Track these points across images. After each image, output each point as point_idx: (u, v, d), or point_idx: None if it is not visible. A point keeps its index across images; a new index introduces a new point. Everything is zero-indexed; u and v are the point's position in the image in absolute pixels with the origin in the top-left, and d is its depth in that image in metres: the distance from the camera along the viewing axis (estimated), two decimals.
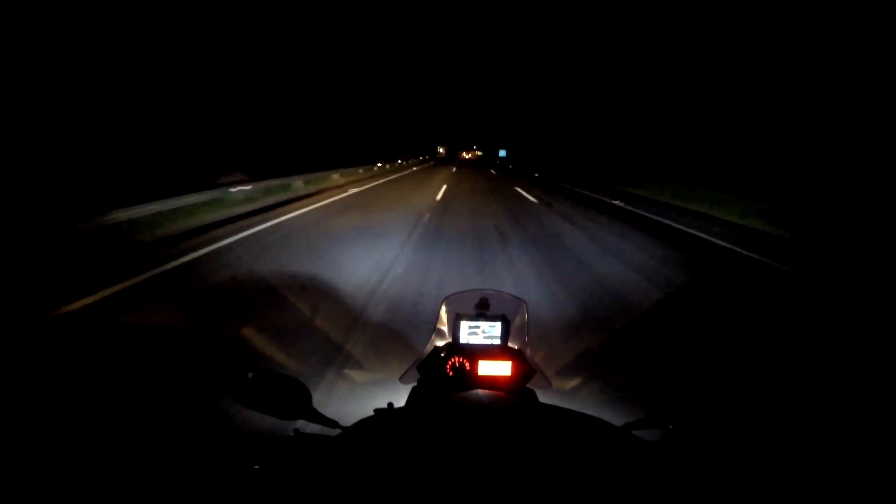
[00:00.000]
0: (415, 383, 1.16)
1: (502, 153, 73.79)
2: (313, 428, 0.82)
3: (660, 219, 8.90)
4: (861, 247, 6.56)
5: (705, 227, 8.04)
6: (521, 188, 15.59)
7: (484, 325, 1.18)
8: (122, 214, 5.90)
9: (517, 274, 4.55)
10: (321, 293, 3.78)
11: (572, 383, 2.44)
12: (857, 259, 5.90)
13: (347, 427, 0.81)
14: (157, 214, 6.70)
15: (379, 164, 24.31)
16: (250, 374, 0.81)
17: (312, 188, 12.81)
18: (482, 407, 0.70)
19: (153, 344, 2.81)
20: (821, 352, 3.00)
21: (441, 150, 78.21)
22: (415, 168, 30.18)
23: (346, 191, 12.61)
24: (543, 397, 1.15)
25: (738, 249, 6.08)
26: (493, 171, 28.02)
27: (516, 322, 1.23)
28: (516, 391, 1.09)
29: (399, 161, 32.94)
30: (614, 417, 0.80)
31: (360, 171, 20.18)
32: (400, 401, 1.10)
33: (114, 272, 4.10)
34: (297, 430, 0.77)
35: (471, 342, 1.17)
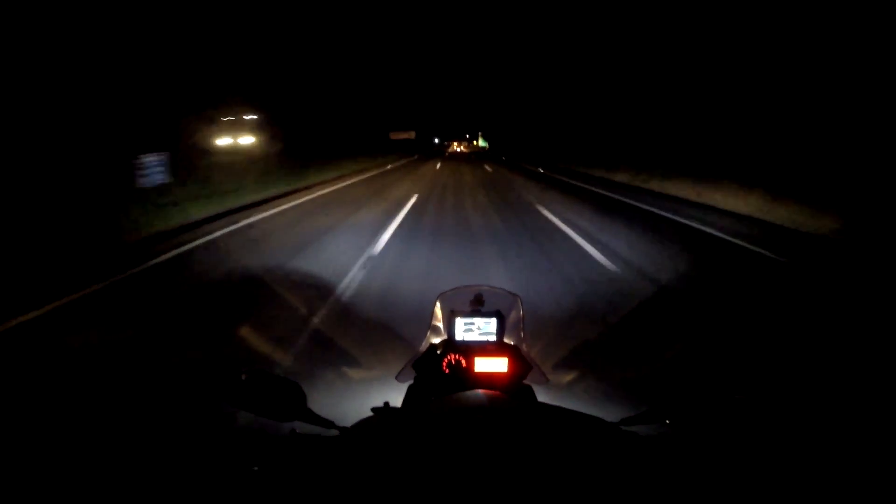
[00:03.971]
0: (411, 381, 1.15)
1: (483, 142, 66.68)
2: (310, 429, 0.81)
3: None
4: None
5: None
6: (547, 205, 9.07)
7: (479, 321, 1.17)
8: None
9: None
10: None
11: (569, 377, 2.46)
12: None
13: (345, 427, 0.81)
14: None
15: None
16: (244, 376, 0.80)
17: None
18: (478, 408, 0.70)
19: None
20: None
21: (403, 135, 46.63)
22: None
23: None
24: (541, 393, 1.15)
25: None
26: (487, 168, 21.86)
27: (511, 317, 1.22)
28: (514, 388, 1.09)
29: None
30: (612, 413, 0.80)
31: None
32: (396, 399, 1.10)
33: None
34: (293, 431, 0.76)
35: (466, 339, 1.16)
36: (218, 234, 6.35)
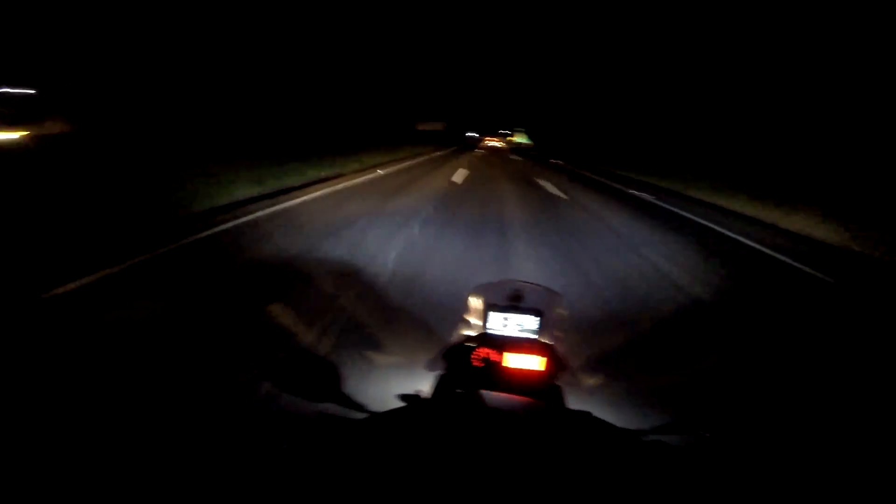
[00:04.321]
0: (441, 371, 1.15)
1: (523, 139, 56.49)
2: (341, 412, 0.84)
3: None
4: None
5: None
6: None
7: (516, 317, 1.15)
8: None
9: None
10: None
11: (600, 380, 2.41)
12: None
13: (375, 413, 0.83)
14: None
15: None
16: (282, 355, 0.83)
17: None
18: (509, 412, 0.69)
19: None
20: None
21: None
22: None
23: None
24: (571, 394, 1.14)
25: None
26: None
27: (551, 316, 1.19)
28: (543, 387, 1.08)
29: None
30: (642, 419, 0.78)
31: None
32: (425, 388, 1.11)
33: None
34: (323, 412, 0.78)
35: (501, 334, 1.15)
36: None
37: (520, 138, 64.21)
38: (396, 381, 2.28)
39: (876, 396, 2.54)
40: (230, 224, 5.37)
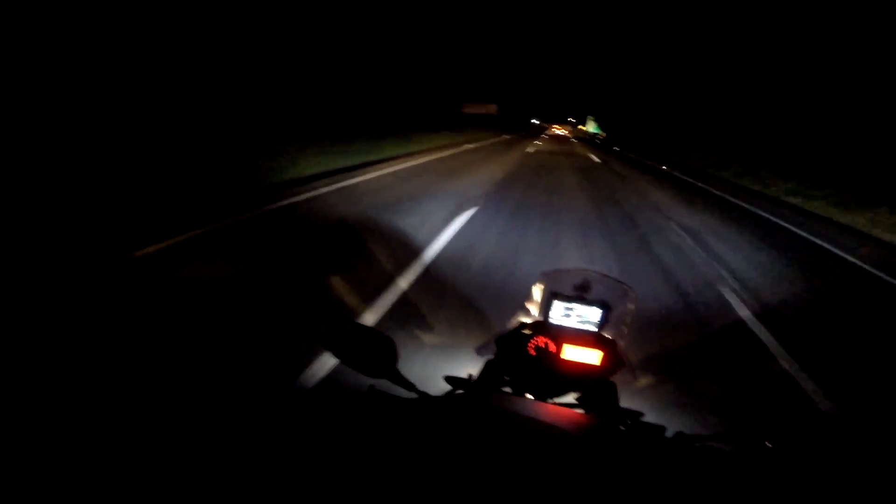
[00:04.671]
0: (491, 356, 1.13)
1: (593, 128, 53.54)
2: (393, 389, 0.84)
3: None
4: None
5: None
6: None
7: (580, 308, 1.10)
8: None
9: None
10: None
11: (658, 379, 2.30)
12: None
13: (425, 394, 0.84)
14: None
15: None
16: (347, 326, 0.86)
17: None
18: (556, 425, 0.65)
19: None
20: None
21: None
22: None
23: None
24: (624, 392, 1.10)
25: None
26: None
27: (618, 310, 1.14)
28: (599, 382, 1.05)
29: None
30: (700, 422, 0.75)
31: None
32: (475, 372, 1.11)
33: None
34: (371, 388, 0.77)
35: (562, 324, 1.11)
36: None
37: (591, 127, 58.76)
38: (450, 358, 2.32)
39: None
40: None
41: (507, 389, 1.09)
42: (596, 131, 55.83)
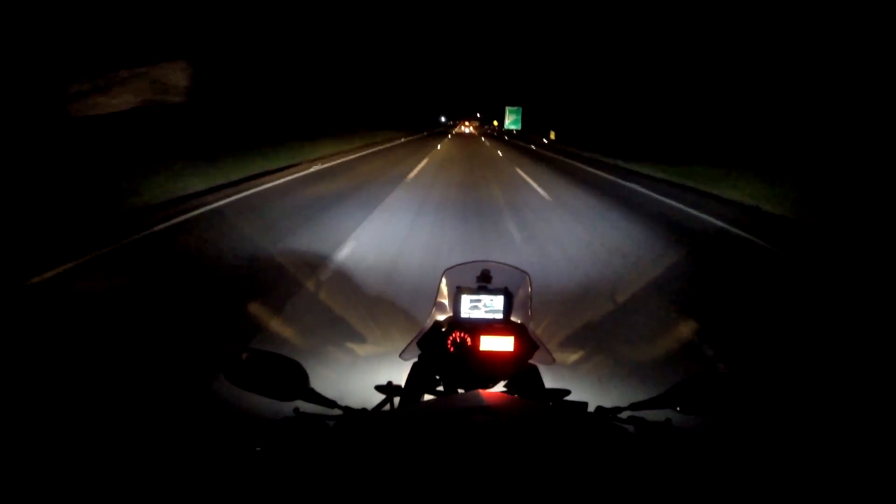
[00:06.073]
0: (415, 359, 1.13)
1: (512, 124, 49.45)
2: (313, 408, 0.80)
3: None
4: None
5: None
6: None
7: (485, 298, 1.14)
8: None
9: None
10: None
11: (574, 357, 2.45)
12: None
13: (348, 408, 0.81)
14: None
15: None
16: (245, 355, 0.79)
17: None
18: (479, 409, 0.65)
19: None
20: None
21: None
22: None
23: None
24: (546, 372, 1.14)
25: None
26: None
27: (519, 295, 1.19)
28: (519, 367, 1.07)
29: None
30: (621, 395, 0.79)
31: None
32: (400, 377, 1.09)
33: None
34: (297, 410, 0.75)
35: (472, 316, 1.13)
36: None
37: (509, 122, 51.33)
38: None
39: None
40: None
41: (440, 388, 1.10)
42: (513, 126, 51.03)
